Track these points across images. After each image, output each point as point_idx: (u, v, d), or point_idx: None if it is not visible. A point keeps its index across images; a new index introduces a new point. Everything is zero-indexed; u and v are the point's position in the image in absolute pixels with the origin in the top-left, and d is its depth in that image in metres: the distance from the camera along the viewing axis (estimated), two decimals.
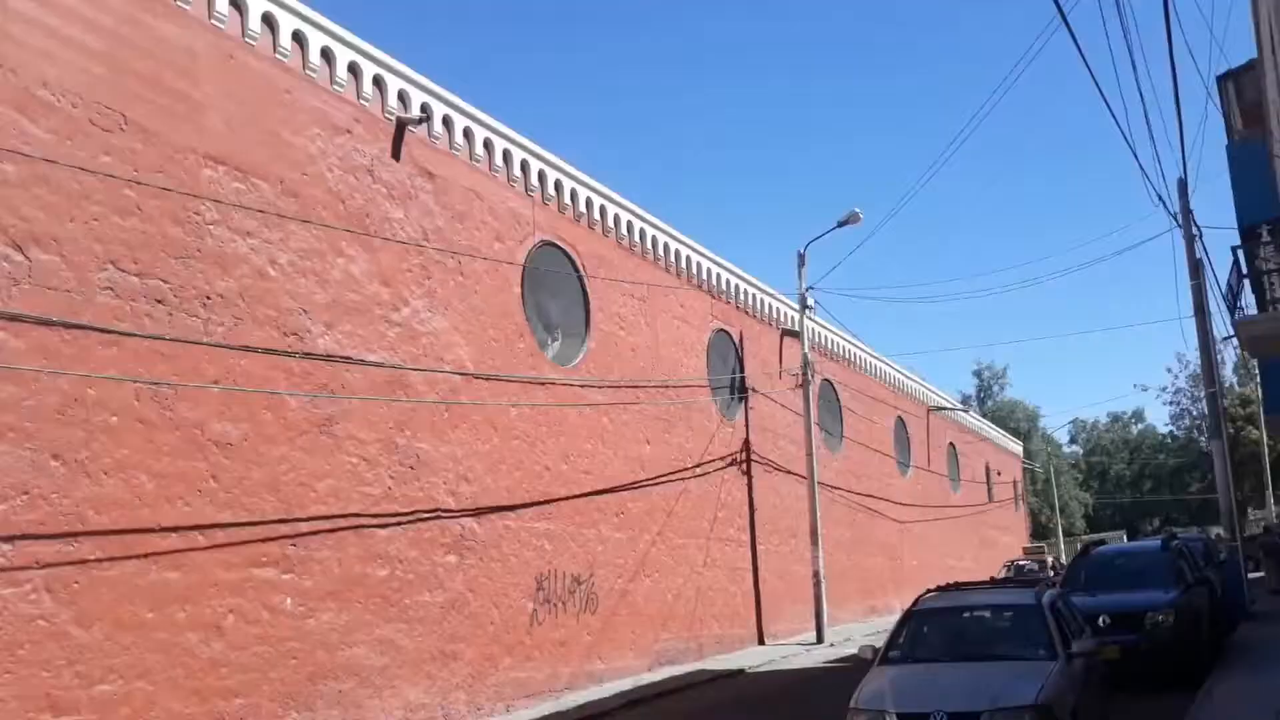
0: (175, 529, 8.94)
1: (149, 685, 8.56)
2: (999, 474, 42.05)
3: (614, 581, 15.30)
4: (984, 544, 37.53)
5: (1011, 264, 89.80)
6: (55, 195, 8.41)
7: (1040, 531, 54.24)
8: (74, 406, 8.37)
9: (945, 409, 35.70)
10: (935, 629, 8.31)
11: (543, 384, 14.21)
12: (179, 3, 9.61)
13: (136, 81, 9.17)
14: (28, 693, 7.72)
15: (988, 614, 8.57)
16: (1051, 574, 21.98)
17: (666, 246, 17.99)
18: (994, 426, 45.59)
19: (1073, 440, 71.48)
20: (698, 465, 18.18)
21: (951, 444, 35.90)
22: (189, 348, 9.25)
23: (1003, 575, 25.64)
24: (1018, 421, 58.32)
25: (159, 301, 9.12)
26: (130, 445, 8.71)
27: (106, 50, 8.94)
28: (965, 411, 40.70)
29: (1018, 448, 48.03)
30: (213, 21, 9.93)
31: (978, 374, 64.85)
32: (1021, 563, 30.39)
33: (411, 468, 11.60)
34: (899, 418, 30.57)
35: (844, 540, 24.76)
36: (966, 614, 8.54)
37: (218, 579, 9.23)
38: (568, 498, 14.48)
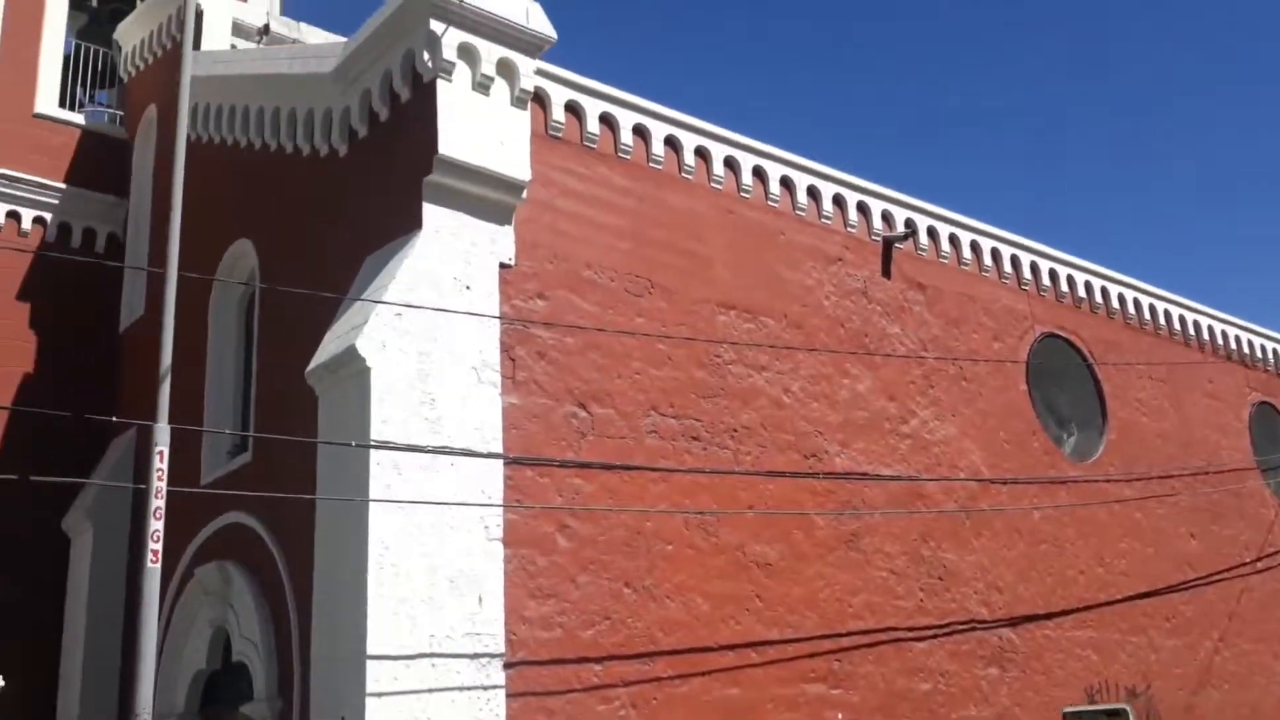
0: (731, 647, 9.68)
1: None
2: None
3: (1175, 694, 13.82)
4: None
5: None
6: (605, 358, 9.78)
7: None
8: (636, 539, 9.49)
9: None
10: None
11: (1063, 483, 13.53)
12: (683, 175, 10.90)
13: (655, 249, 10.48)
14: None
15: None
16: None
17: (1183, 319, 16.49)
18: None
19: None
20: (1258, 559, 16.03)
21: None
22: (724, 478, 10.13)
23: None
24: None
25: (694, 439, 10.13)
26: (685, 570, 9.65)
27: (631, 228, 10.34)
28: None
29: None
30: (712, 184, 11.11)
31: None
32: None
33: (940, 579, 11.56)
34: None
35: None
36: None
37: (773, 694, 9.78)
38: (1108, 603, 13.47)
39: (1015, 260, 14.02)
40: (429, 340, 8.49)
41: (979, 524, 12.23)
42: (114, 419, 11.23)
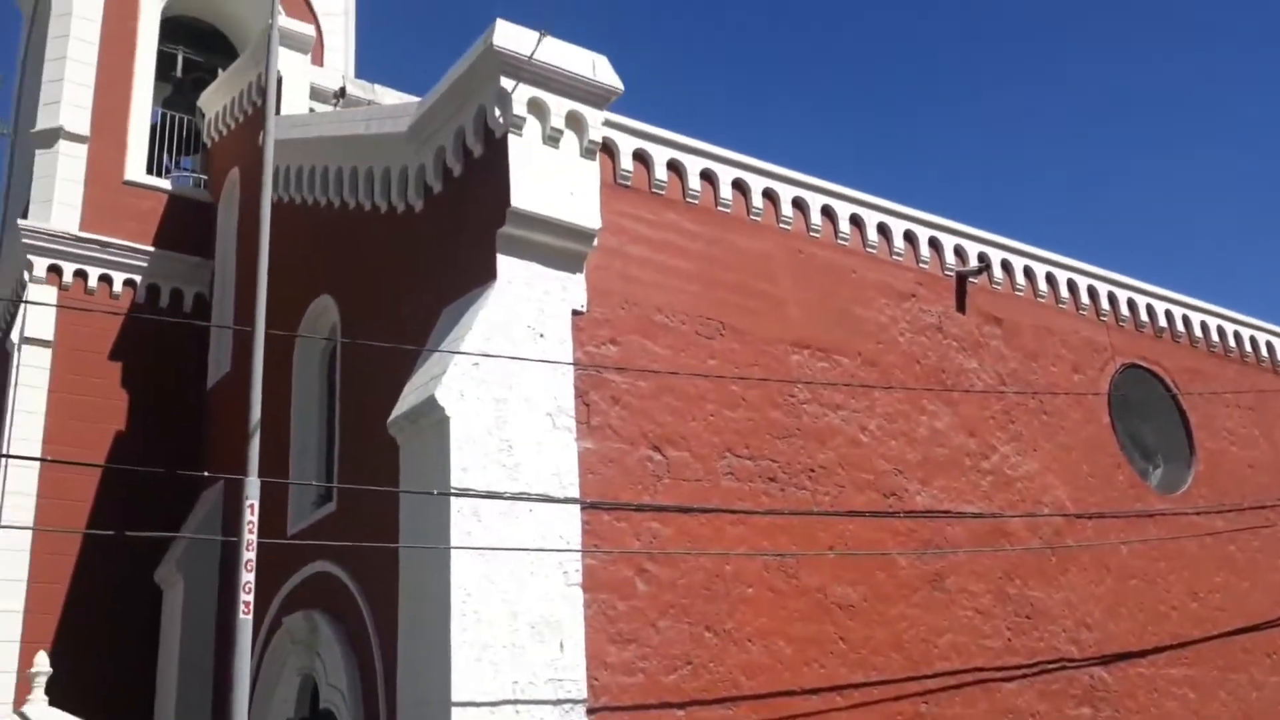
0: (815, 691, 9.56)
1: None
2: None
3: None
4: None
5: None
6: (678, 400, 9.82)
7: None
8: (716, 582, 9.45)
9: None
10: None
11: (1150, 516, 13.17)
12: (752, 217, 10.97)
13: (725, 291, 10.53)
14: None
15: None
16: None
17: (1270, 345, 16.03)
18: None
19: None
20: None
21: None
22: (803, 519, 10.07)
23: None
24: None
25: (771, 480, 10.10)
26: (766, 614, 9.58)
27: (701, 271, 10.42)
28: None
29: None
30: (780, 225, 11.15)
31: None
32: None
33: (1027, 617, 11.30)
34: None
35: None
36: None
37: None
38: (1203, 639, 13.01)
39: (1093, 291, 13.78)
40: (505, 388, 8.64)
41: (1065, 560, 11.95)
42: (206, 474, 11.58)
